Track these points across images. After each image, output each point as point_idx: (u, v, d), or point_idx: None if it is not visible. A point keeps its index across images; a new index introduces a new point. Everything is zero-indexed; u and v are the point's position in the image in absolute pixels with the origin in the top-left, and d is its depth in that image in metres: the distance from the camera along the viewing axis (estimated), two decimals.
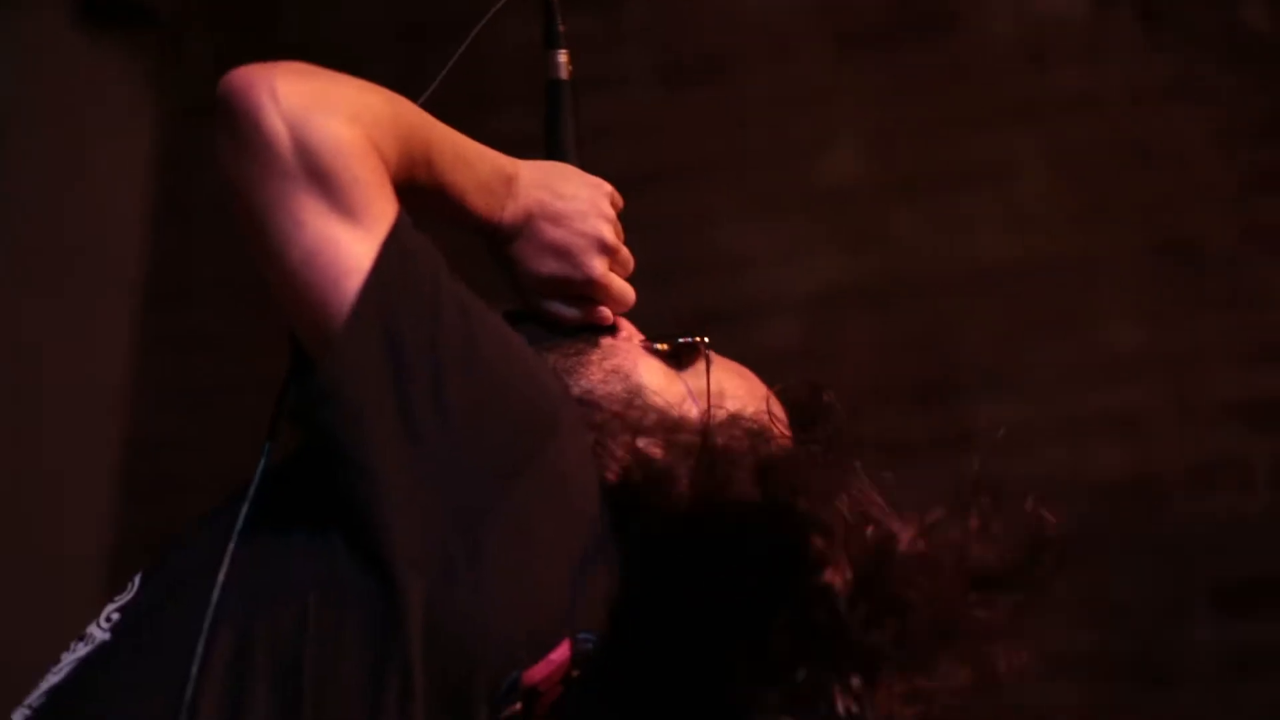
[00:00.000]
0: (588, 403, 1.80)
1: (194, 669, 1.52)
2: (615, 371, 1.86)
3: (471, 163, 1.77)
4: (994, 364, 4.31)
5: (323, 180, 1.54)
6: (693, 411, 1.85)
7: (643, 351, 1.91)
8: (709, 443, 1.72)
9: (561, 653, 1.65)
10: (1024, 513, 1.71)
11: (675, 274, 4.45)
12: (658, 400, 1.84)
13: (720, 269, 4.65)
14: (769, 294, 4.56)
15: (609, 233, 1.87)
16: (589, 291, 1.88)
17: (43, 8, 5.26)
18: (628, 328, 1.94)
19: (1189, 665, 3.98)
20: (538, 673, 1.63)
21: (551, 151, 1.98)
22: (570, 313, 1.88)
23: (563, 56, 2.03)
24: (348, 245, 1.55)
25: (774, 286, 4.57)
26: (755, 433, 1.76)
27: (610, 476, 1.71)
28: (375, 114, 1.60)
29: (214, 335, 5.22)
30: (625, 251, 1.91)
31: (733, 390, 1.90)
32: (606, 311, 1.90)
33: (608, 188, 1.90)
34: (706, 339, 1.92)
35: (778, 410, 1.89)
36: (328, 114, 1.55)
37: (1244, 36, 4.30)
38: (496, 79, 3.68)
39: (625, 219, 1.94)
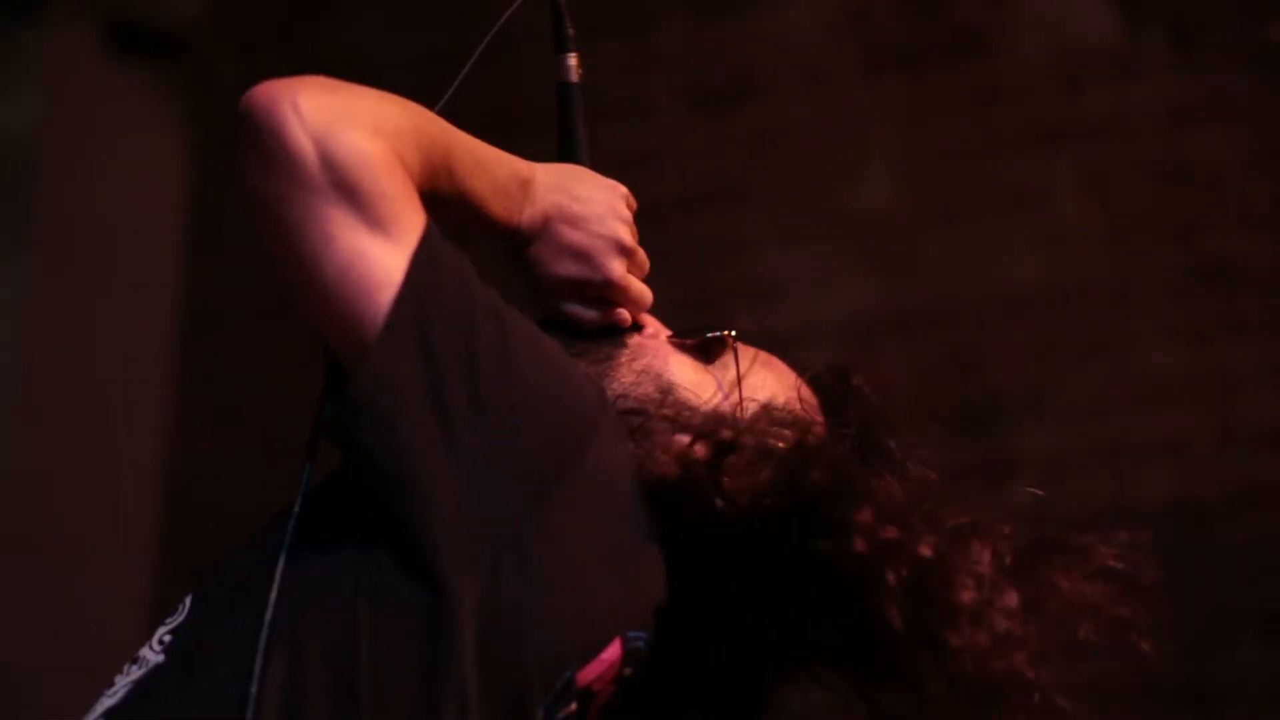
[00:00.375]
0: (623, 406, 1.79)
1: (253, 689, 1.53)
2: (645, 371, 1.85)
3: (489, 168, 1.76)
4: (1031, 389, 4.29)
5: (351, 194, 1.54)
6: (725, 405, 1.85)
7: (671, 348, 1.90)
8: (744, 439, 1.73)
9: (613, 652, 1.66)
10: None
11: (707, 300, 4.44)
12: (690, 397, 1.84)
13: (753, 295, 4.64)
14: (802, 320, 4.54)
15: (626, 234, 1.86)
16: (607, 293, 1.87)
17: (73, 38, 5.28)
18: (653, 324, 1.93)
19: (1235, 691, 3.96)
20: (590, 673, 1.64)
21: (565, 154, 1.97)
22: (589, 314, 1.87)
23: (572, 60, 2.03)
24: (379, 258, 1.55)
25: (807, 313, 4.56)
26: (790, 424, 1.77)
27: (650, 477, 1.71)
28: (397, 125, 1.61)
29: (250, 360, 5.23)
30: (642, 253, 1.90)
31: (763, 381, 1.89)
32: (625, 313, 1.88)
33: (623, 189, 1.90)
34: (734, 331, 1.91)
35: (809, 397, 1.89)
36: (352, 127, 1.55)
37: (1276, 56, 4.29)
38: (520, 102, 3.67)
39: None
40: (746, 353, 1.92)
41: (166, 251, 5.46)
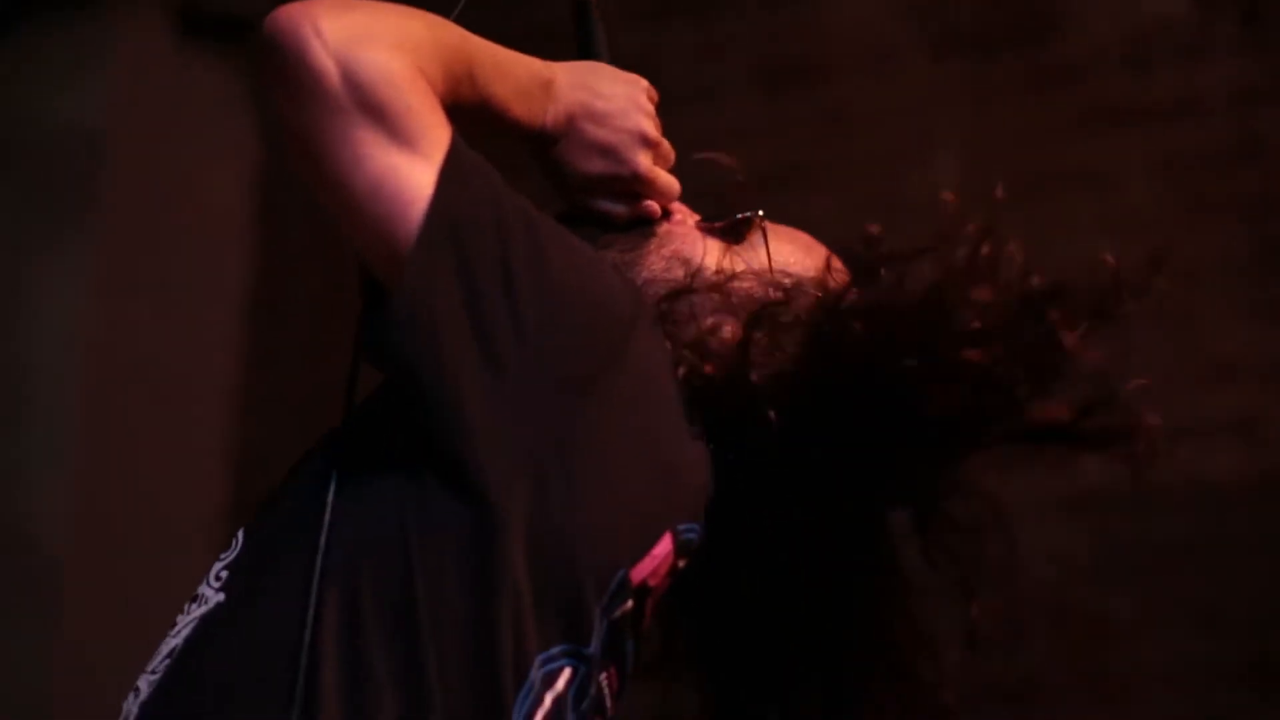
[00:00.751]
0: (653, 294, 1.81)
1: (310, 615, 1.54)
2: (674, 256, 1.86)
3: (511, 72, 1.77)
4: (1100, 368, 4.27)
5: (377, 112, 1.55)
6: (756, 286, 1.86)
7: (699, 233, 1.91)
8: (773, 313, 1.77)
9: (664, 547, 1.68)
10: None
11: None
12: (719, 279, 1.86)
13: None
14: None
15: (650, 127, 1.87)
16: (635, 187, 1.88)
17: (143, 23, 5.32)
18: (682, 210, 1.94)
19: None
20: (643, 569, 1.66)
21: (583, 52, 1.97)
22: (619, 209, 1.88)
23: None
24: (408, 174, 1.56)
25: None
26: (821, 296, 1.81)
27: (686, 367, 1.74)
28: (418, 39, 1.62)
29: (318, 343, 5.25)
30: (666, 144, 1.91)
31: (793, 257, 1.91)
32: (654, 205, 1.90)
33: (644, 83, 1.90)
34: (761, 212, 1.92)
35: (840, 268, 1.90)
36: (374, 46, 1.56)
37: None
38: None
39: None
40: (775, 231, 1.93)
41: (235, 235, 5.49)
